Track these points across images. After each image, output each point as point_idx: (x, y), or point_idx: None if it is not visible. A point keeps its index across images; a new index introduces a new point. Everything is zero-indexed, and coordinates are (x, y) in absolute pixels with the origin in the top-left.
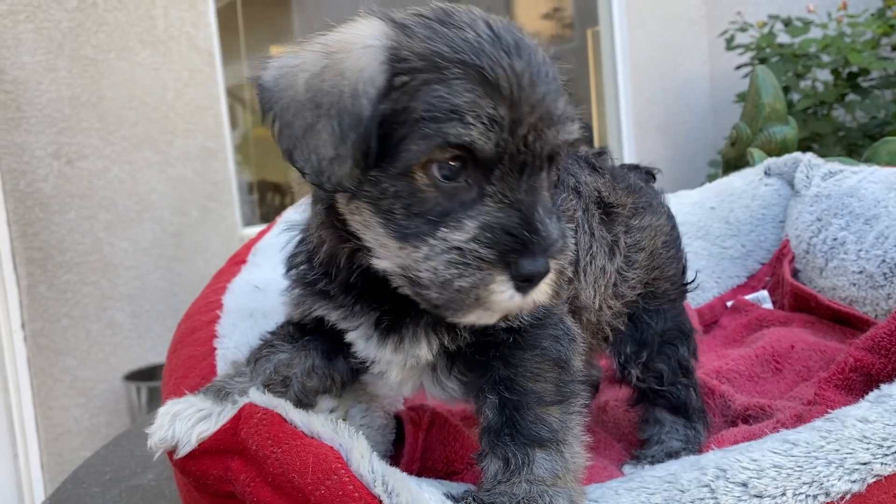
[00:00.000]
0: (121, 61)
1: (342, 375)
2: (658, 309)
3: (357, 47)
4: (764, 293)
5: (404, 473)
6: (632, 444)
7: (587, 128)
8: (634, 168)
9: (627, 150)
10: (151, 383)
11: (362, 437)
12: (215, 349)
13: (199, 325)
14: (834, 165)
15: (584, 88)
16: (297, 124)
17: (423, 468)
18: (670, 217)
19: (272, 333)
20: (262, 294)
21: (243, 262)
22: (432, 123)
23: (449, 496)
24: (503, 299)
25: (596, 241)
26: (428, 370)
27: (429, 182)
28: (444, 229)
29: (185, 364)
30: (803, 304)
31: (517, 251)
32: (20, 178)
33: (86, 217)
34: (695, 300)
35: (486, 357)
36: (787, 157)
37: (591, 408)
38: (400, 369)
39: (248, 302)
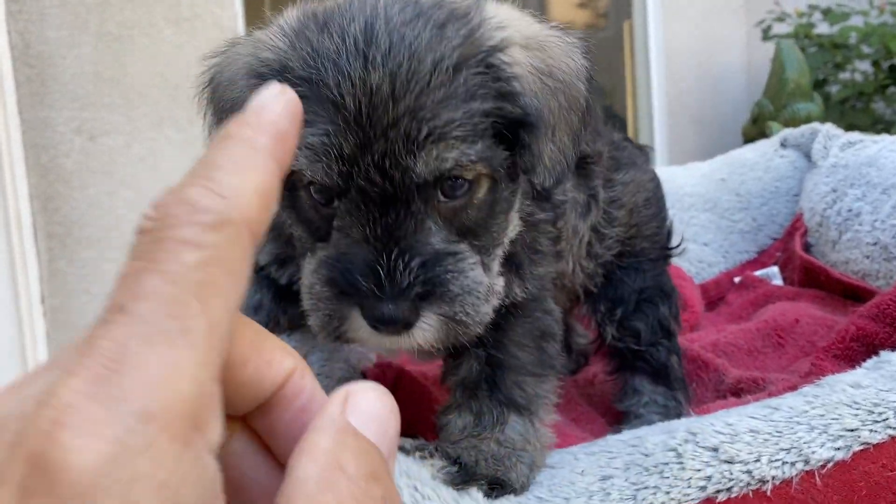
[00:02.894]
0: (144, 38)
1: (293, 320)
2: (636, 266)
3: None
4: (774, 269)
5: None
6: (616, 419)
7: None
8: (626, 140)
9: (659, 141)
10: None
11: None
12: None
13: None
14: (853, 135)
15: (620, 79)
16: None
17: None
18: (655, 178)
19: None
20: None
21: None
22: None
23: (400, 448)
24: (366, 336)
25: (569, 203)
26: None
27: (310, 202)
28: (309, 256)
29: None
30: (814, 279)
31: (363, 293)
32: (42, 152)
33: (107, 193)
34: (700, 275)
35: None
36: (804, 127)
37: (579, 380)
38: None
39: None
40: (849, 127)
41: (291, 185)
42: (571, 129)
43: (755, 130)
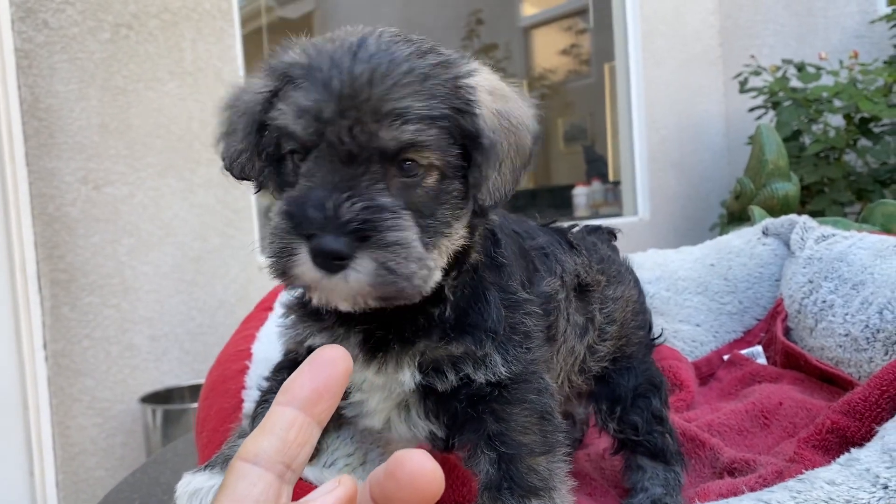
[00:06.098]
0: (149, 91)
1: (338, 413)
2: (627, 367)
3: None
4: (758, 348)
5: None
6: (626, 490)
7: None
8: (596, 229)
9: (641, 186)
10: (167, 406)
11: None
12: (244, 401)
13: (229, 374)
14: (826, 229)
15: (601, 123)
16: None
17: None
18: (637, 282)
19: (267, 379)
20: None
21: (270, 308)
22: (272, 115)
23: None
24: (303, 272)
25: (570, 326)
26: (401, 407)
27: (293, 169)
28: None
29: (217, 416)
30: (794, 362)
31: (311, 222)
32: (49, 202)
33: (109, 241)
34: (693, 353)
35: (476, 412)
36: (783, 218)
37: (591, 454)
38: (380, 396)
39: (276, 351)
40: (822, 179)
41: (280, 157)
42: (515, 168)
43: (737, 206)
